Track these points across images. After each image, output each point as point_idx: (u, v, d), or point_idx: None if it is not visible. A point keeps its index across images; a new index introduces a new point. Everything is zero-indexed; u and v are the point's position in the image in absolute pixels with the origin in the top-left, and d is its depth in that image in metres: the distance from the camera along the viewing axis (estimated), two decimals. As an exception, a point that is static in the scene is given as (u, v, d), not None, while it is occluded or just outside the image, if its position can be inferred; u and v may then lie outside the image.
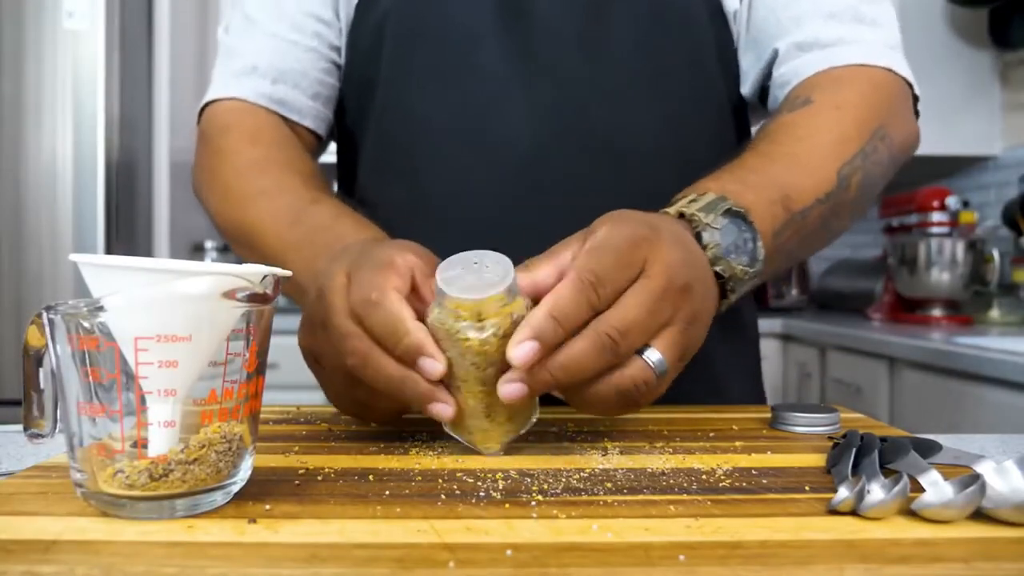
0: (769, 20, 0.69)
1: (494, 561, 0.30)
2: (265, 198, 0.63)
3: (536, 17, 0.67)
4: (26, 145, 1.92)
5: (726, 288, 0.50)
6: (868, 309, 2.19)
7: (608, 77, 0.67)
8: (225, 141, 0.68)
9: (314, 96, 0.73)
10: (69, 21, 1.90)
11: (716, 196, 0.51)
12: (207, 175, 0.70)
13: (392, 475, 0.42)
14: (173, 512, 0.35)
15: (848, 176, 0.60)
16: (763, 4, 0.70)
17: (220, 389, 0.36)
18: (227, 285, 0.35)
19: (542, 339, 0.40)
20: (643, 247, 0.43)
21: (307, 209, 0.60)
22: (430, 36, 0.68)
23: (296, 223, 0.60)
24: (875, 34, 0.67)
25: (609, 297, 0.42)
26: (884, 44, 0.67)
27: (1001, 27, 2.10)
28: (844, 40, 0.66)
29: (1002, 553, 0.31)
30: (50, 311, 0.34)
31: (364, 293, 0.43)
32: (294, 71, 0.71)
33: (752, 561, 0.30)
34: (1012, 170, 2.11)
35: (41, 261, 1.92)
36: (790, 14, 0.68)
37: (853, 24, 0.67)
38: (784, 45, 0.68)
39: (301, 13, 0.71)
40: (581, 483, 0.41)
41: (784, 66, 0.68)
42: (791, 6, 0.68)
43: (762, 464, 0.45)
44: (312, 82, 0.72)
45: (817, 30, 0.66)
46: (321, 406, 0.63)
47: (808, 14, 0.67)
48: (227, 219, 0.66)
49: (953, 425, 1.41)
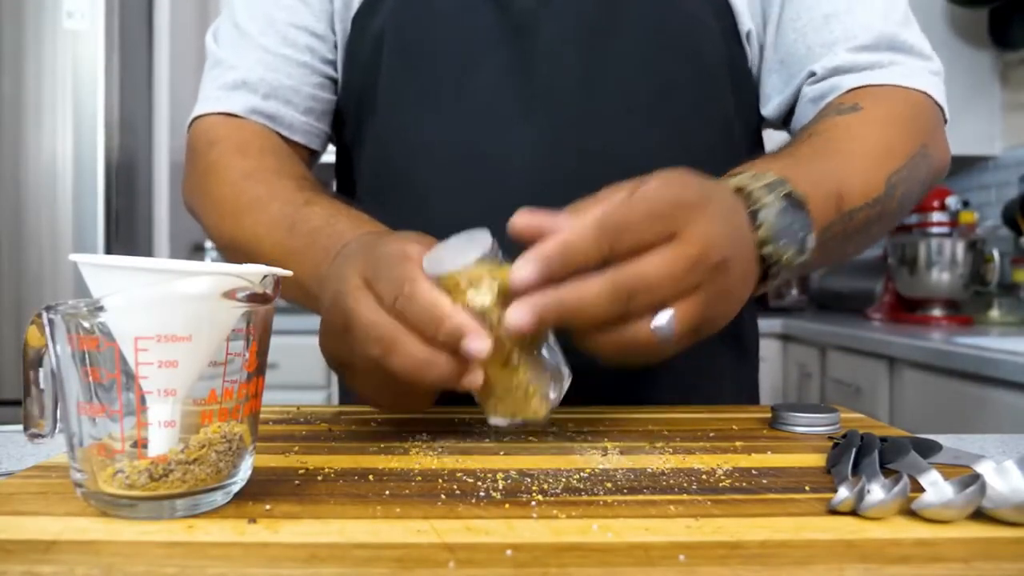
0: (799, 44, 0.68)
1: (494, 561, 0.30)
2: (258, 207, 0.62)
3: (537, 37, 0.65)
4: (26, 145, 1.92)
5: (768, 272, 0.49)
6: (868, 309, 2.19)
7: (610, 100, 0.65)
8: (214, 154, 0.67)
9: (306, 111, 0.71)
10: (69, 21, 1.90)
11: (777, 178, 0.50)
12: (198, 191, 0.69)
13: (392, 475, 0.42)
14: (173, 512, 0.35)
15: (895, 185, 0.60)
16: (791, 28, 0.69)
17: (220, 389, 0.36)
18: (227, 285, 0.35)
19: (545, 264, 0.40)
20: (684, 210, 0.42)
21: (301, 212, 0.60)
22: (427, 55, 0.67)
23: (292, 229, 0.59)
24: (914, 60, 0.68)
25: (629, 248, 0.40)
26: (925, 69, 0.68)
27: (1001, 27, 2.10)
28: (878, 65, 0.66)
29: (1002, 553, 0.31)
30: (50, 311, 0.34)
31: (395, 289, 0.43)
32: (285, 87, 0.69)
33: (752, 561, 0.30)
34: (1012, 170, 2.11)
35: (41, 261, 1.93)
36: (821, 40, 0.67)
37: (891, 53, 0.67)
38: (820, 68, 0.67)
39: (292, 26, 0.70)
40: (581, 483, 0.41)
41: (822, 84, 0.67)
42: (822, 31, 0.67)
43: (762, 464, 0.45)
44: (304, 97, 0.71)
45: (854, 58, 0.66)
46: (321, 406, 0.64)
47: (842, 38, 0.67)
48: (222, 234, 0.65)
49: (953, 425, 1.41)
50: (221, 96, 0.69)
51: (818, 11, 0.68)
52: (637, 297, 0.40)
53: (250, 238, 0.62)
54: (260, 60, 0.69)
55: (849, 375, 1.81)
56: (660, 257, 0.41)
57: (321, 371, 2.24)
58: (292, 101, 0.70)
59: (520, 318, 0.40)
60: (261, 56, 0.69)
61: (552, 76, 0.65)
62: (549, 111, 0.65)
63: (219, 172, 0.66)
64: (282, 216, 0.60)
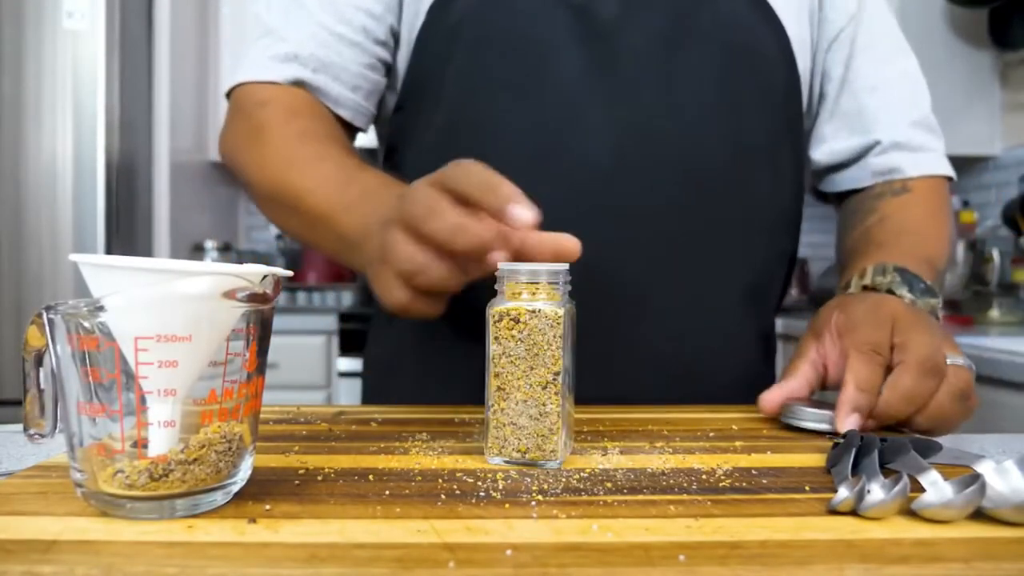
0: (866, 109, 0.78)
1: (494, 561, 0.30)
2: (311, 164, 0.64)
3: (616, 41, 0.68)
4: (26, 145, 1.92)
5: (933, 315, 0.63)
6: (868, 309, 2.19)
7: (684, 102, 0.68)
8: (264, 113, 0.69)
9: (354, 88, 0.72)
10: (69, 21, 1.90)
11: (876, 264, 0.66)
12: (244, 145, 0.70)
13: (392, 475, 0.42)
14: (173, 512, 0.35)
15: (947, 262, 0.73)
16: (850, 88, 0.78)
17: (220, 389, 0.36)
18: (227, 285, 0.35)
19: (859, 409, 0.53)
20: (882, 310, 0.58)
21: (356, 174, 0.61)
22: (507, 48, 0.68)
23: (346, 185, 0.60)
24: (939, 143, 0.80)
25: (889, 356, 0.55)
26: (943, 152, 0.80)
27: (1001, 27, 2.10)
28: (925, 148, 0.79)
29: (1002, 553, 0.31)
30: (50, 311, 0.34)
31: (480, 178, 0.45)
32: (336, 64, 0.70)
33: (752, 561, 0.30)
34: (1012, 170, 2.11)
35: (41, 261, 1.93)
36: (883, 115, 0.78)
37: (927, 133, 0.79)
38: (886, 139, 0.78)
39: (351, 6, 0.71)
40: (581, 483, 0.41)
41: (883, 156, 0.78)
42: (882, 107, 0.78)
43: (762, 464, 0.45)
44: (353, 75, 0.71)
45: (909, 134, 0.78)
46: (321, 406, 0.63)
47: (899, 117, 0.78)
48: (268, 182, 0.66)
49: (953, 425, 1.41)
50: (270, 66, 0.70)
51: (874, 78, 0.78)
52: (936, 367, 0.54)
53: (299, 190, 0.63)
54: (314, 36, 0.70)
55: (849, 375, 1.81)
56: None
57: (321, 371, 2.24)
58: (340, 78, 0.71)
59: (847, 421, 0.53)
60: (315, 31, 0.70)
61: (632, 74, 0.67)
62: (628, 106, 0.67)
63: (271, 129, 0.67)
64: (335, 173, 0.62)
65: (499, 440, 0.44)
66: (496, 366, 0.44)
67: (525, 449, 0.44)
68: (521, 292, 0.44)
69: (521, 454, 0.44)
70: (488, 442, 0.44)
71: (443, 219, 0.45)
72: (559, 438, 0.44)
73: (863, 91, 0.78)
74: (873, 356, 0.54)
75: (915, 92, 0.80)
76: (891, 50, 0.79)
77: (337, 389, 2.27)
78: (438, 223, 0.45)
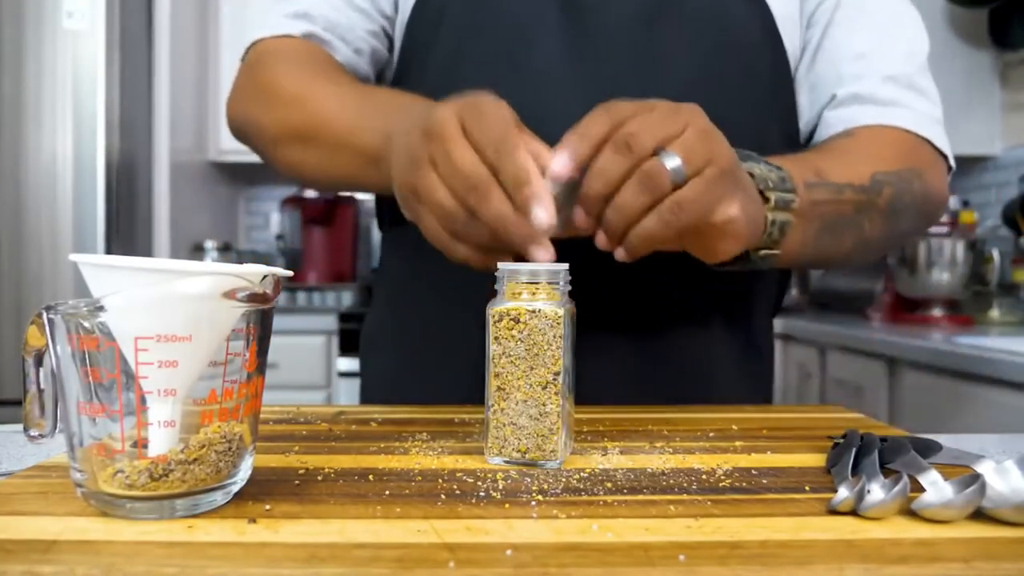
0: (830, 72, 0.72)
1: (494, 561, 0.30)
2: (324, 91, 0.66)
3: (596, 20, 0.68)
4: (26, 145, 1.92)
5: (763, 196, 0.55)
6: (868, 309, 2.19)
7: (661, 84, 0.67)
8: (274, 60, 0.71)
9: (357, 51, 0.75)
10: (69, 21, 1.90)
11: (750, 152, 0.57)
12: (252, 92, 0.72)
13: (392, 475, 0.42)
14: (173, 512, 0.35)
15: (881, 183, 0.64)
16: (827, 57, 0.73)
17: (220, 389, 0.36)
18: (227, 285, 0.35)
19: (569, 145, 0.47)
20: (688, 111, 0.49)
21: (372, 91, 0.63)
22: (487, 28, 0.69)
23: (365, 98, 0.62)
24: (924, 105, 0.72)
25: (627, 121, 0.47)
26: (930, 117, 0.72)
27: (1001, 27, 2.10)
28: (898, 103, 0.70)
29: (1002, 553, 0.31)
30: (50, 311, 0.34)
31: (496, 140, 0.46)
32: (343, 25, 0.73)
33: (752, 561, 0.30)
34: (1012, 170, 2.11)
35: (41, 261, 1.93)
36: (852, 71, 0.71)
37: (907, 90, 0.71)
38: (843, 92, 0.71)
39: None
40: (581, 483, 0.41)
41: (839, 110, 0.71)
42: (854, 63, 0.72)
43: (762, 464, 0.45)
44: (358, 39, 0.74)
45: (875, 87, 0.70)
46: (321, 406, 0.63)
47: (868, 72, 0.71)
48: (280, 120, 0.68)
49: (953, 425, 1.41)
50: (283, 23, 0.73)
51: (851, 48, 0.72)
52: (638, 136, 0.46)
53: (319, 113, 0.65)
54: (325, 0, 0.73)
55: (849, 375, 1.81)
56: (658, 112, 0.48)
57: (321, 371, 2.24)
58: (346, 38, 0.74)
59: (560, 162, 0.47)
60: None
61: (608, 56, 0.68)
62: (604, 92, 0.66)
63: (281, 69, 0.70)
64: (351, 94, 0.64)
65: (499, 440, 0.44)
66: (496, 366, 0.44)
67: (525, 449, 0.44)
68: (521, 292, 0.44)
69: (521, 454, 0.44)
70: (488, 442, 0.44)
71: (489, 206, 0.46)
72: (559, 438, 0.44)
73: (843, 59, 0.73)
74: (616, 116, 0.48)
75: (896, 47, 0.73)
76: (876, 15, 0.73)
77: (337, 389, 2.26)
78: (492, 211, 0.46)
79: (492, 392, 0.44)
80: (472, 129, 0.47)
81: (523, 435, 0.44)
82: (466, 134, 0.47)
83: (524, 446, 0.44)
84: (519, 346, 0.43)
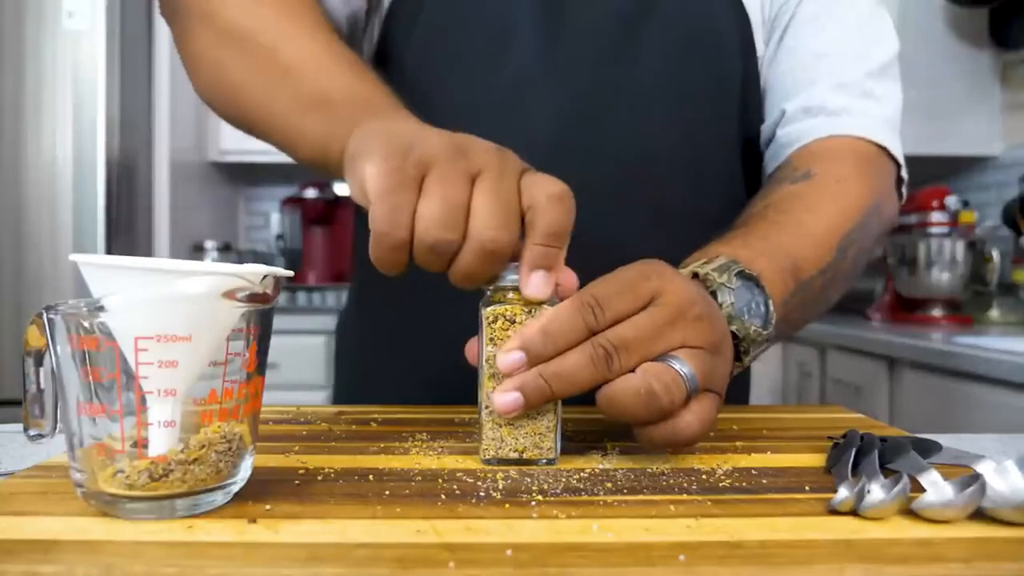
0: (786, 79, 0.71)
1: (494, 561, 0.30)
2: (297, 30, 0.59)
3: (572, 19, 0.68)
4: (26, 145, 1.92)
5: (739, 350, 0.50)
6: (868, 309, 2.19)
7: (633, 87, 0.67)
8: None
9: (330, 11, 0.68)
10: (69, 21, 1.90)
11: (728, 259, 0.51)
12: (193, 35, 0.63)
13: (392, 475, 0.42)
14: (173, 512, 0.35)
15: (846, 248, 0.62)
16: (784, 62, 0.71)
17: (220, 389, 0.36)
18: (227, 285, 0.35)
19: (529, 349, 0.41)
20: (653, 279, 0.43)
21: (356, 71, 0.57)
22: (463, 25, 0.68)
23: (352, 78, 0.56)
24: (878, 109, 0.69)
25: (609, 321, 0.41)
26: (883, 120, 0.69)
27: (1001, 27, 2.10)
28: (848, 111, 0.68)
29: (1002, 553, 0.31)
30: (50, 311, 0.34)
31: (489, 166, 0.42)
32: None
33: (752, 561, 0.30)
34: (1012, 170, 2.11)
35: (41, 261, 1.93)
36: (806, 76, 0.70)
37: (859, 97, 0.69)
38: (792, 107, 0.70)
39: None
40: (581, 483, 0.41)
41: (789, 126, 0.70)
42: (808, 68, 0.70)
43: (762, 464, 0.45)
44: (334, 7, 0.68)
45: (824, 96, 0.69)
46: (321, 406, 0.63)
47: (820, 79, 0.69)
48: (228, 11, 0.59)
49: (953, 425, 1.41)
50: None
51: (810, 49, 0.70)
52: (617, 353, 0.41)
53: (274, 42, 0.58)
54: None
55: (849, 375, 1.81)
56: (639, 316, 0.42)
57: (321, 371, 2.24)
58: None
59: (504, 399, 0.41)
60: None
61: (583, 56, 0.67)
62: (574, 89, 0.67)
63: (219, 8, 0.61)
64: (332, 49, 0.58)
65: (495, 441, 0.44)
66: (492, 367, 0.44)
67: (522, 448, 0.44)
68: (508, 291, 0.44)
69: (519, 454, 0.44)
70: (484, 443, 0.44)
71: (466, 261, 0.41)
72: (555, 435, 0.44)
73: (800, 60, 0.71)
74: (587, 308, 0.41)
75: (850, 50, 0.70)
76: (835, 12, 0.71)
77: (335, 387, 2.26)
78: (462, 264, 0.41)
79: (488, 392, 0.44)
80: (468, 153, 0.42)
81: (520, 434, 0.44)
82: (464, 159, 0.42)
83: (521, 445, 0.44)
84: None
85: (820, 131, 0.68)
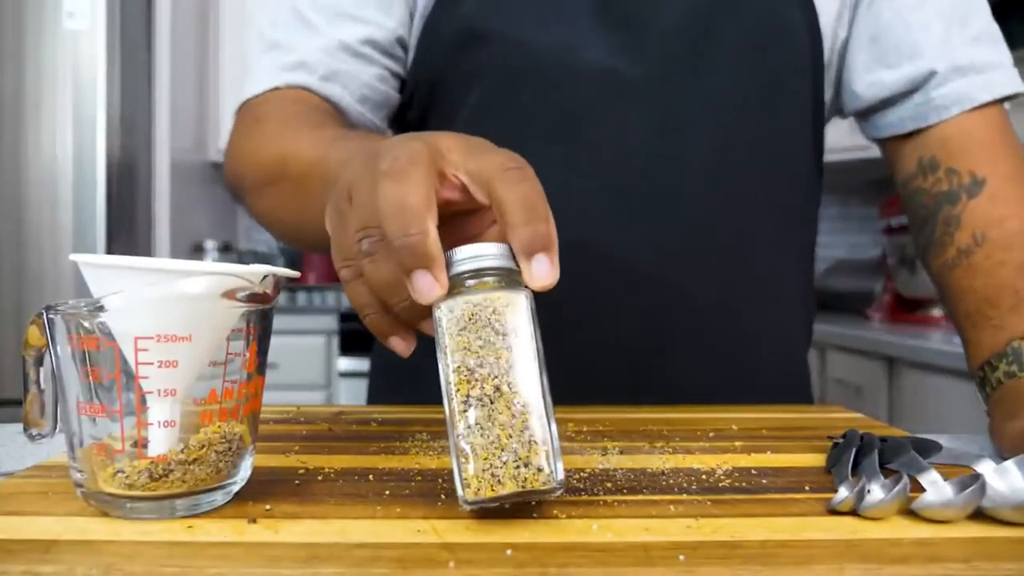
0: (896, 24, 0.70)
1: (494, 561, 0.30)
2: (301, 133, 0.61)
3: (643, 26, 0.67)
4: (26, 145, 1.92)
5: None
6: (868, 309, 2.19)
7: (715, 88, 0.67)
8: (266, 107, 0.67)
9: (361, 100, 0.70)
10: (69, 21, 1.91)
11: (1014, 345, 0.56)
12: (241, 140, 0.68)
13: (392, 475, 0.42)
14: (173, 512, 0.35)
15: None
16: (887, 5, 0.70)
17: (220, 389, 0.36)
18: (227, 285, 0.35)
19: None
20: None
21: (349, 134, 0.59)
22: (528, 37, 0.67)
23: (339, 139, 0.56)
24: (1006, 53, 0.70)
25: None
26: (1011, 64, 0.70)
27: (1001, 27, 2.10)
28: (992, 65, 0.69)
29: (1002, 553, 0.31)
30: (50, 311, 0.34)
31: None
32: (345, 72, 0.69)
33: (752, 561, 0.30)
34: (1012, 170, 2.10)
35: (41, 261, 1.93)
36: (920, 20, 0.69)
37: (991, 45, 0.70)
38: (943, 67, 0.68)
39: (360, 21, 0.69)
40: (581, 483, 0.41)
41: (945, 87, 0.68)
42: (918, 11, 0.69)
43: (762, 464, 0.45)
44: (360, 85, 0.70)
45: (970, 53, 0.69)
46: (321, 406, 0.63)
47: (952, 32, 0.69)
48: (258, 163, 0.64)
49: (953, 425, 1.41)
50: (278, 75, 0.68)
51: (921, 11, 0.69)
52: None
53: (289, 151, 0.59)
54: (322, 47, 0.69)
55: (849, 375, 1.81)
56: None
57: (321, 371, 2.24)
58: (349, 87, 0.69)
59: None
60: (324, 43, 0.69)
61: (660, 62, 0.67)
62: (655, 94, 0.67)
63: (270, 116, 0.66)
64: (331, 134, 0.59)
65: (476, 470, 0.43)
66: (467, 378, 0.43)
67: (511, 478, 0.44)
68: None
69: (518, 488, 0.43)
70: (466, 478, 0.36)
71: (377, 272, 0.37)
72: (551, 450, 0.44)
73: (905, 7, 0.70)
74: None
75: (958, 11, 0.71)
76: None
77: (337, 389, 2.27)
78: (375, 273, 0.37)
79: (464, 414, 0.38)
80: None
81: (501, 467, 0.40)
82: None
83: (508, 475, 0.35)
84: None
85: (979, 93, 0.68)
